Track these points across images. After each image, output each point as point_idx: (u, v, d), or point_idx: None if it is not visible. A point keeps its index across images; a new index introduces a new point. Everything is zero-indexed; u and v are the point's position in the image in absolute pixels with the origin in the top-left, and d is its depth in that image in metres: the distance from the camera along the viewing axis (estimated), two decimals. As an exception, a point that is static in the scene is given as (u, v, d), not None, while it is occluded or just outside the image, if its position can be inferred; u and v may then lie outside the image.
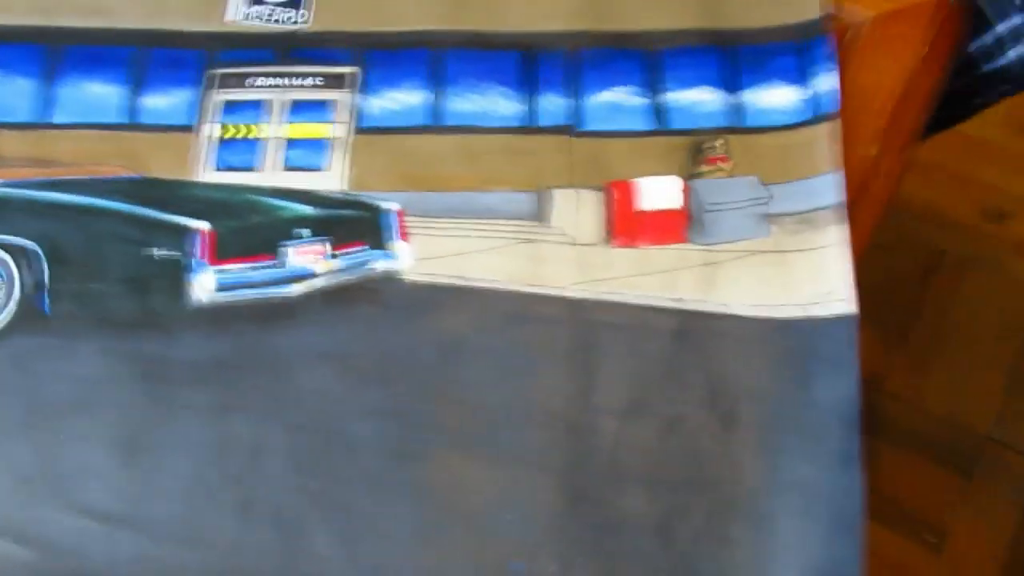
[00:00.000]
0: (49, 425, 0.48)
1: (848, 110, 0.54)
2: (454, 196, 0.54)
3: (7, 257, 0.52)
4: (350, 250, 0.53)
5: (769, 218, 0.51)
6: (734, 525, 0.44)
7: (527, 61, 0.57)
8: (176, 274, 0.51)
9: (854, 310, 0.48)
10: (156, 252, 0.52)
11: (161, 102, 0.58)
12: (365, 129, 0.57)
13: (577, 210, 0.53)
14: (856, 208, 0.51)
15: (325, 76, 0.58)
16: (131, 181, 0.55)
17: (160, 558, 0.45)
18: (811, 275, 0.49)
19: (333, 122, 0.57)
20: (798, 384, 0.47)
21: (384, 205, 0.54)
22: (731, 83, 0.55)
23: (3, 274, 0.52)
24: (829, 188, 0.51)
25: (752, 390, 0.47)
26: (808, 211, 0.51)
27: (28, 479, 0.47)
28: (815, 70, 0.55)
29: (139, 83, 0.58)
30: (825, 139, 0.52)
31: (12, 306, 0.51)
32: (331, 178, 0.55)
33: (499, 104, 0.56)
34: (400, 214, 0.53)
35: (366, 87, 0.58)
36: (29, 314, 0.51)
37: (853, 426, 0.45)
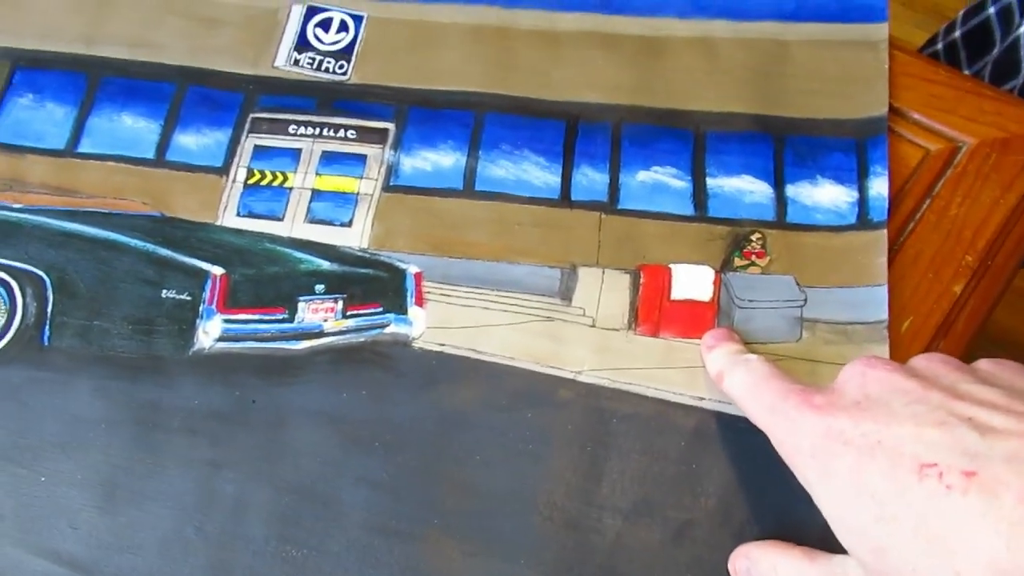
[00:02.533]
0: (30, 462, 0.48)
1: (936, 241, 0.53)
2: (477, 264, 0.54)
3: (13, 283, 0.53)
4: (363, 311, 0.54)
5: (803, 323, 0.50)
6: (738, 649, 0.43)
7: (568, 131, 0.58)
8: (184, 318, 0.52)
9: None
10: (166, 293, 0.52)
11: (193, 141, 0.59)
12: (394, 187, 0.57)
13: (602, 291, 0.52)
14: (937, 349, 0.50)
15: (360, 130, 0.59)
16: (151, 219, 0.57)
17: (123, 614, 0.44)
18: None
19: (362, 177, 0.58)
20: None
21: (403, 267, 0.54)
22: (777, 175, 0.55)
23: (6, 300, 0.53)
24: (871, 303, 0.50)
25: (768, 505, 0.46)
26: (845, 323, 0.50)
27: (1, 517, 0.47)
28: (867, 172, 0.55)
29: (174, 120, 0.60)
30: (873, 249, 0.52)
31: (11, 334, 0.52)
32: (353, 234, 0.56)
33: (534, 174, 0.56)
34: (419, 277, 0.53)
35: (401, 144, 0.58)
36: (27, 344, 0.52)
37: None
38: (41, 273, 0.53)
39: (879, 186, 0.54)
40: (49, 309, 0.53)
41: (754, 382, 0.42)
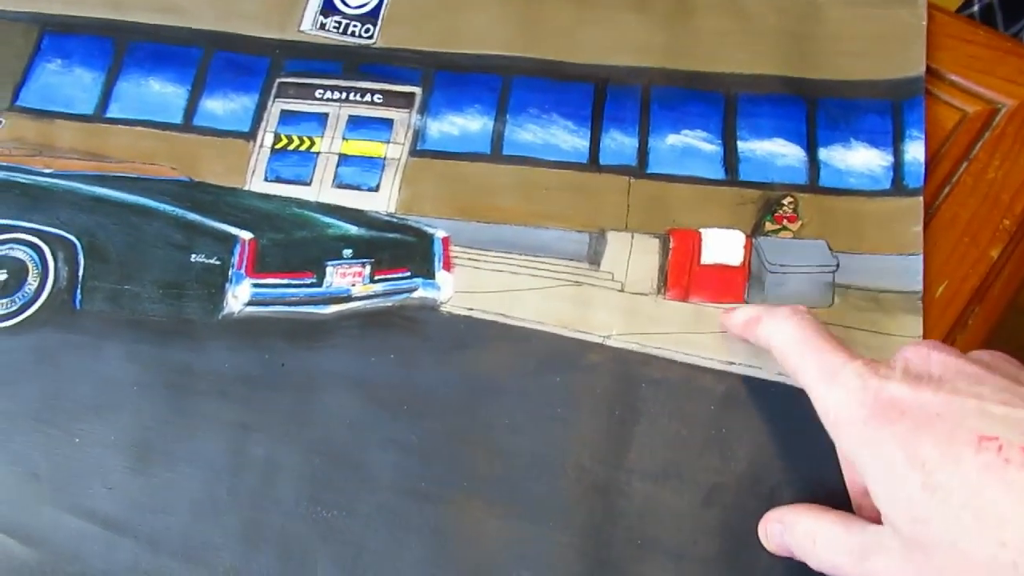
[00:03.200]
0: (65, 423, 0.49)
1: (972, 204, 0.52)
2: (505, 229, 0.54)
3: (45, 247, 0.54)
4: (391, 275, 0.54)
5: (834, 288, 0.50)
6: (767, 612, 0.43)
7: (596, 95, 0.57)
8: (213, 282, 0.52)
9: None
10: (196, 258, 0.53)
11: (220, 106, 0.60)
12: (421, 151, 0.57)
13: (631, 255, 0.52)
14: (972, 315, 0.50)
15: (386, 94, 0.59)
16: (180, 183, 0.57)
17: (157, 571, 0.45)
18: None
19: (389, 141, 0.58)
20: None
21: (431, 231, 0.54)
22: (809, 138, 0.54)
23: (38, 264, 0.53)
24: (906, 272, 0.50)
25: (799, 471, 0.46)
26: (878, 291, 0.50)
27: (35, 476, 0.48)
28: (903, 135, 0.54)
29: (201, 85, 0.60)
30: (908, 217, 0.51)
31: (44, 297, 0.53)
32: (380, 198, 0.56)
33: (562, 138, 0.56)
34: (446, 242, 0.54)
35: (428, 109, 0.58)
36: (60, 308, 0.53)
37: None
38: (72, 238, 0.54)
39: (915, 150, 0.53)
40: (80, 273, 0.53)
41: (804, 338, 0.41)
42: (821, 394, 0.39)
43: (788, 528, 0.42)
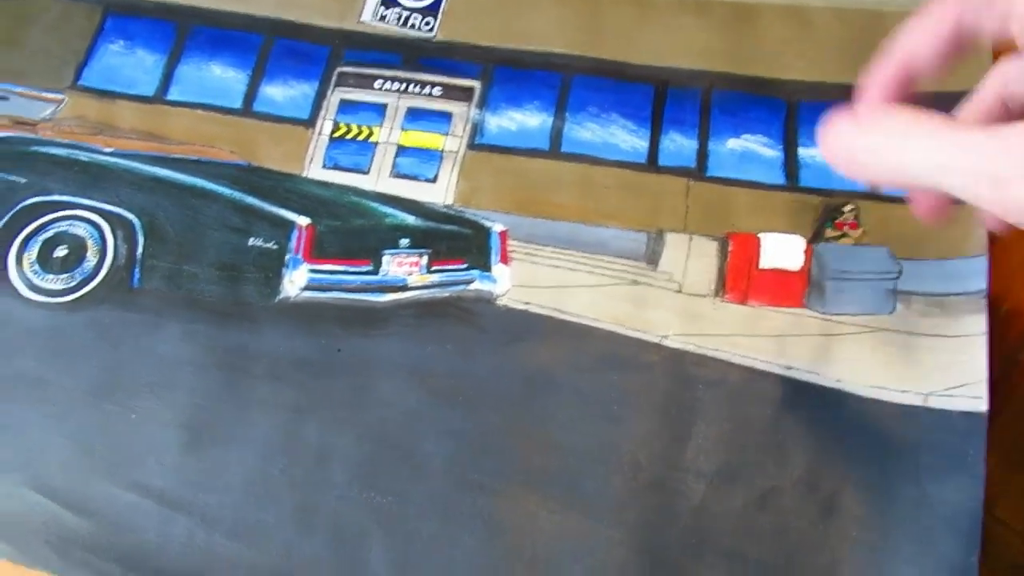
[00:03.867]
0: (121, 399, 0.50)
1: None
2: (563, 225, 0.54)
3: (105, 225, 0.54)
4: (448, 266, 0.54)
5: (897, 295, 0.50)
6: (820, 618, 0.43)
7: (656, 96, 0.58)
8: (271, 266, 0.53)
9: (984, 409, 0.46)
10: (253, 241, 0.53)
11: (280, 93, 0.60)
12: (480, 145, 0.58)
13: (689, 257, 0.53)
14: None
15: (446, 87, 0.60)
16: (238, 167, 0.58)
17: (210, 548, 0.46)
18: (941, 364, 0.48)
19: (448, 134, 0.58)
20: (911, 480, 0.45)
21: (489, 225, 0.55)
22: (873, 146, 0.54)
23: (98, 241, 0.54)
24: (970, 273, 0.50)
25: (858, 479, 0.46)
26: (943, 295, 0.50)
27: (92, 451, 0.48)
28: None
29: (262, 71, 0.61)
30: (971, 219, 0.51)
31: (103, 274, 0.53)
32: (438, 190, 0.56)
33: (621, 137, 0.57)
34: (504, 235, 0.54)
35: (487, 103, 0.59)
36: (118, 285, 0.53)
37: (972, 540, 0.43)
38: (131, 216, 0.55)
39: (977, 162, 0.53)
40: (139, 252, 0.54)
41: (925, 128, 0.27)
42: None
43: (867, 125, 0.30)
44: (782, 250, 0.52)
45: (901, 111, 0.29)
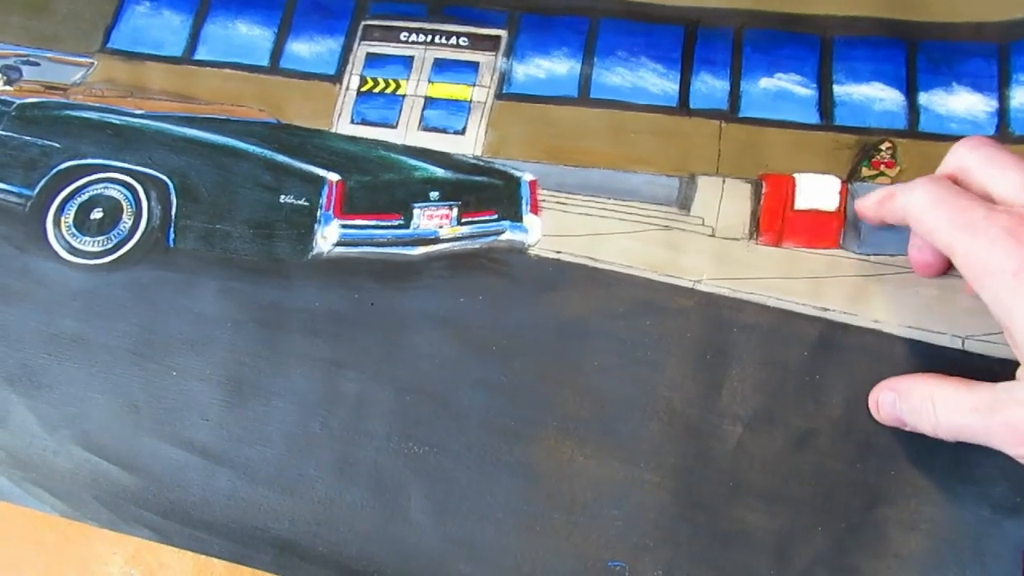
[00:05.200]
0: (161, 357, 0.51)
1: None
2: (593, 172, 0.54)
3: (139, 186, 0.55)
4: (479, 217, 0.54)
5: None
6: (860, 558, 0.43)
7: (686, 37, 0.57)
8: (303, 223, 0.53)
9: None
10: (284, 199, 0.54)
11: (306, 49, 0.61)
12: (508, 95, 0.58)
13: (722, 200, 0.52)
14: None
15: (472, 37, 0.59)
16: (267, 125, 0.58)
17: (254, 500, 0.47)
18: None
19: (475, 84, 0.58)
20: None
21: (518, 175, 0.55)
22: (909, 82, 0.53)
23: (132, 203, 0.55)
24: None
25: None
26: None
27: (135, 407, 0.50)
28: (1010, 80, 0.53)
29: (287, 28, 0.61)
30: None
31: (138, 235, 0.54)
32: (466, 141, 0.56)
33: (651, 81, 0.56)
34: (534, 185, 0.54)
35: (514, 52, 0.59)
36: (154, 246, 0.54)
37: (1018, 479, 0.43)
38: (164, 177, 0.55)
39: (1022, 96, 0.52)
40: (173, 212, 0.55)
41: (941, 196, 0.40)
42: (965, 247, 0.38)
43: (903, 395, 0.43)
44: (817, 190, 0.52)
45: (928, 380, 0.42)
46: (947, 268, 0.46)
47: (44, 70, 0.61)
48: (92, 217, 0.55)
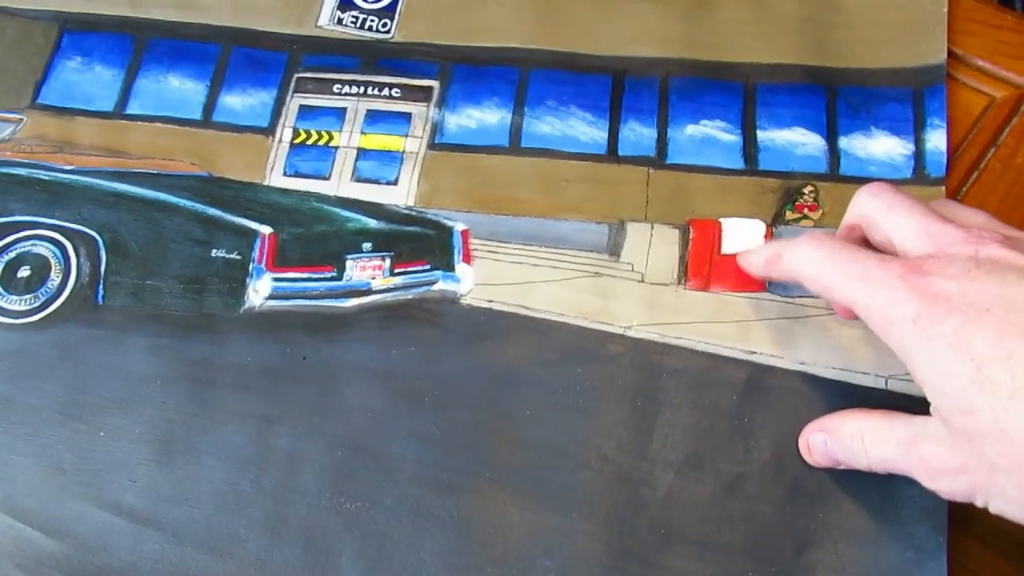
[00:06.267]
0: (89, 417, 0.50)
1: (1001, 190, 0.52)
2: (524, 221, 0.54)
3: (67, 243, 0.54)
4: (411, 268, 0.54)
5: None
6: (791, 601, 0.43)
7: (614, 86, 0.58)
8: (234, 277, 0.53)
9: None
10: (216, 252, 0.53)
11: (239, 102, 0.60)
12: (440, 145, 0.58)
13: (651, 246, 0.53)
14: None
15: (404, 88, 0.60)
16: (199, 179, 0.58)
17: (183, 564, 0.46)
18: None
19: (408, 135, 0.58)
20: None
21: (450, 224, 0.55)
22: (829, 126, 0.55)
23: (61, 260, 0.54)
24: None
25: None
26: None
27: (61, 470, 0.48)
28: (924, 123, 0.54)
29: (220, 81, 0.61)
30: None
31: (67, 293, 0.53)
32: (399, 192, 0.56)
33: (580, 129, 0.57)
34: (466, 235, 0.54)
35: (446, 102, 0.59)
36: (83, 303, 0.53)
37: (939, 520, 0.44)
38: (94, 233, 0.55)
39: (937, 139, 0.53)
40: (102, 269, 0.54)
41: (829, 252, 0.41)
42: (863, 299, 0.39)
43: (833, 433, 0.43)
44: (743, 234, 0.52)
45: (854, 417, 0.43)
46: None
47: (-28, 127, 0.60)
48: (19, 275, 0.54)
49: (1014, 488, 0.35)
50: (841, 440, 0.43)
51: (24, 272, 0.54)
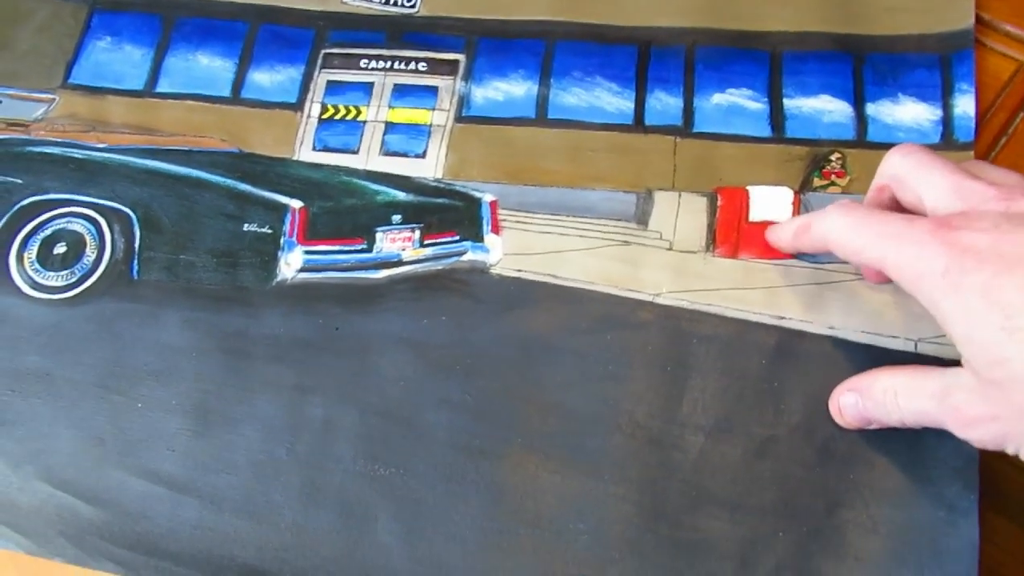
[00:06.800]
0: (126, 388, 0.50)
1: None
2: (552, 191, 0.55)
3: (101, 220, 0.55)
4: (441, 239, 0.55)
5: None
6: (822, 561, 0.43)
7: (640, 56, 0.58)
8: (266, 250, 0.54)
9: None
10: (248, 227, 0.54)
11: (267, 78, 0.61)
12: (467, 118, 0.58)
13: (678, 214, 0.53)
14: None
15: (431, 62, 0.60)
16: (230, 155, 0.58)
17: (221, 529, 0.47)
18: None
19: (435, 108, 0.59)
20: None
21: (479, 195, 0.55)
22: (857, 93, 0.54)
23: (96, 236, 0.55)
24: None
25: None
26: None
27: (101, 440, 0.49)
28: (952, 89, 0.54)
29: (248, 58, 0.61)
30: None
31: (102, 268, 0.54)
32: (427, 165, 0.57)
33: (606, 100, 0.57)
34: (494, 205, 0.54)
35: (472, 75, 0.59)
36: (118, 278, 0.54)
37: (970, 480, 0.44)
38: (127, 210, 0.56)
39: (965, 104, 0.53)
40: (136, 244, 0.55)
41: (859, 217, 0.41)
42: (892, 257, 0.39)
43: (864, 392, 0.44)
44: (771, 202, 0.52)
45: (885, 373, 0.43)
46: None
47: (5, 107, 0.61)
48: (55, 252, 0.55)
49: None
50: (874, 397, 0.43)
51: (60, 248, 0.55)
